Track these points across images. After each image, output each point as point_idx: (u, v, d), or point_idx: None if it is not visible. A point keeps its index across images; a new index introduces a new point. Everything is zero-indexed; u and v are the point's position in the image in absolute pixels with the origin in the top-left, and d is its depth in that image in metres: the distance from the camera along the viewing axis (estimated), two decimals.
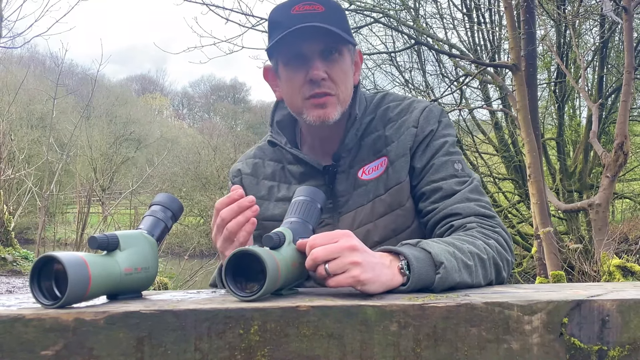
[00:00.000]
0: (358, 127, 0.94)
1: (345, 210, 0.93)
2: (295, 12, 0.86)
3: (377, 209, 0.91)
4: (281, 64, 0.92)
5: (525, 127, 4.24)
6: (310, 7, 0.86)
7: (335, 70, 0.89)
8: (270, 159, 1.01)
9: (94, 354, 0.51)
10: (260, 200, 0.99)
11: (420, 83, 9.73)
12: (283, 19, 0.87)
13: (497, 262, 0.80)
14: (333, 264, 0.62)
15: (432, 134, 0.92)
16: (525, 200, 8.07)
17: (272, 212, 0.97)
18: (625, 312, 0.58)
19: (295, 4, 0.86)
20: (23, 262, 5.15)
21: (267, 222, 0.95)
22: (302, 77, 0.88)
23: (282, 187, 0.98)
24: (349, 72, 0.92)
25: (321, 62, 0.88)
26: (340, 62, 0.89)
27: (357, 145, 0.94)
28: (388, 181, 0.92)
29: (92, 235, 0.61)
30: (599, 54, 8.09)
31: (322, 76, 0.87)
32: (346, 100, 0.91)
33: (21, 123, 13.70)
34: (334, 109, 0.89)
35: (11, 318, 0.51)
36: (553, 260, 4.13)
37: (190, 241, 10.89)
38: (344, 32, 0.88)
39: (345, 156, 0.94)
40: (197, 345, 0.53)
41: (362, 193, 0.92)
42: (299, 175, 0.96)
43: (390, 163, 0.92)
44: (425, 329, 0.56)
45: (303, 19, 0.85)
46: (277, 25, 0.88)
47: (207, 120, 32.23)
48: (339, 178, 0.94)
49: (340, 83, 0.89)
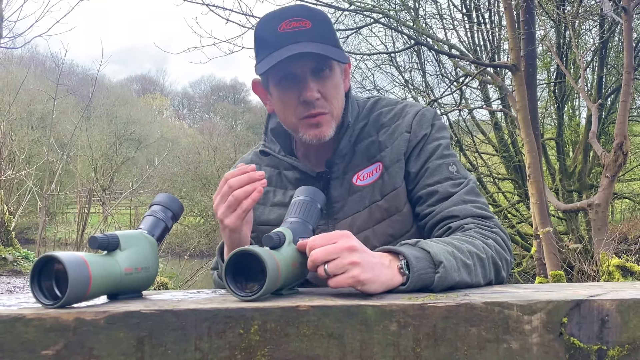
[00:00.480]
0: (351, 134, 0.94)
1: (342, 217, 0.93)
2: (282, 31, 0.84)
3: (375, 215, 0.91)
4: (272, 83, 0.91)
5: (525, 127, 4.25)
6: (297, 23, 0.84)
7: (327, 87, 0.88)
8: (267, 164, 1.01)
9: (95, 354, 0.52)
10: (255, 204, 1.00)
11: (420, 83, 9.74)
12: (271, 37, 0.85)
13: (496, 261, 0.80)
14: (332, 265, 0.62)
15: (425, 138, 0.92)
16: (524, 200, 8.08)
17: (267, 216, 0.97)
18: (624, 312, 0.58)
19: (282, 20, 0.85)
20: (23, 262, 5.15)
21: (261, 227, 0.96)
22: (296, 98, 0.88)
23: (278, 192, 0.98)
24: (340, 85, 0.92)
25: (313, 80, 0.87)
26: (331, 78, 0.89)
27: (350, 151, 0.95)
28: (384, 187, 0.92)
29: (92, 235, 0.61)
30: (598, 54, 8.10)
31: (316, 96, 0.86)
32: (339, 114, 0.91)
33: (22, 123, 13.71)
34: (328, 126, 0.89)
35: (12, 318, 0.51)
36: (552, 260, 4.14)
37: (190, 241, 10.89)
38: (333, 46, 0.87)
39: (339, 162, 0.94)
40: (197, 345, 0.53)
41: (358, 199, 0.92)
42: (294, 181, 0.96)
43: (386, 169, 0.92)
44: (425, 329, 0.56)
45: (291, 39, 0.84)
46: (265, 45, 0.86)
47: (207, 121, 32.25)
48: (333, 184, 0.94)
49: (332, 99, 0.89)
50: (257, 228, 0.95)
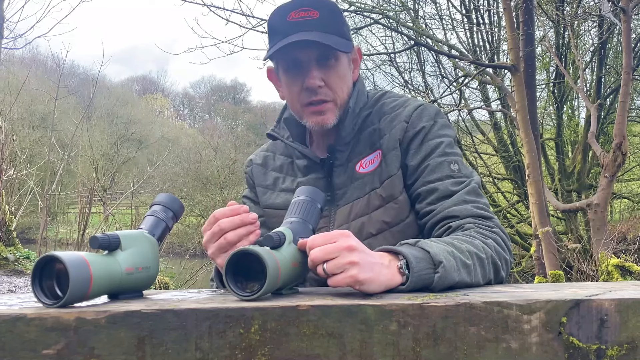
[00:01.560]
0: (356, 121, 0.96)
1: (343, 203, 0.94)
2: (291, 20, 0.88)
3: (373, 202, 0.92)
4: (281, 70, 0.95)
5: (524, 128, 4.25)
6: (305, 13, 0.88)
7: (332, 76, 0.91)
8: (282, 153, 1.05)
9: (95, 353, 0.52)
10: (264, 188, 1.04)
11: (420, 84, 9.75)
12: (280, 25, 0.89)
13: (496, 261, 0.80)
14: (331, 264, 0.62)
15: (424, 131, 0.93)
16: (524, 200, 8.08)
17: (274, 200, 1.01)
18: (623, 311, 0.58)
19: (291, 10, 0.88)
20: (25, 261, 5.14)
21: (268, 210, 1.01)
22: (300, 85, 0.91)
23: (288, 179, 1.01)
24: (345, 75, 0.94)
25: (317, 69, 0.90)
26: (336, 68, 0.91)
27: (355, 139, 0.96)
28: (382, 174, 0.93)
29: (93, 235, 0.61)
30: (597, 55, 8.11)
31: (318, 84, 0.90)
32: (344, 103, 0.94)
33: (23, 123, 13.69)
34: (332, 114, 0.92)
35: (13, 317, 0.51)
36: (552, 259, 4.14)
37: (191, 241, 10.87)
38: (340, 36, 0.90)
39: (343, 150, 0.96)
40: (197, 345, 0.53)
41: (359, 186, 0.94)
42: (303, 168, 0.99)
43: (384, 156, 0.94)
44: (424, 328, 0.56)
45: (298, 27, 0.87)
46: (275, 32, 0.91)
47: (207, 121, 32.25)
48: (336, 171, 0.96)
49: (336, 88, 0.92)
50: (265, 212, 1.00)
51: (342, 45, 0.89)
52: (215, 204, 13.95)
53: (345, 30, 0.93)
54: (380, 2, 7.65)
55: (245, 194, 1.09)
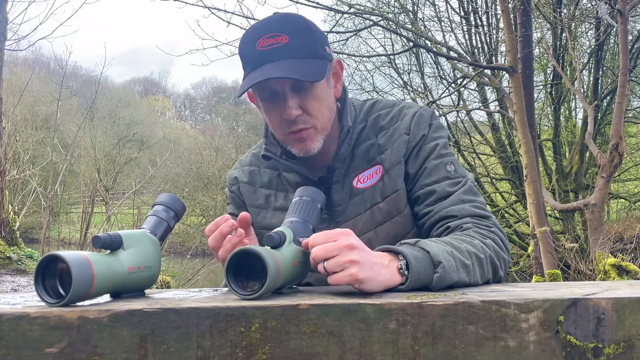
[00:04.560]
0: (350, 138, 0.94)
1: (343, 220, 0.93)
2: (260, 48, 0.84)
3: (376, 217, 0.92)
4: (258, 99, 0.92)
5: (522, 128, 4.26)
6: (274, 40, 0.84)
7: (309, 101, 0.87)
8: (266, 166, 1.02)
9: (98, 352, 0.52)
10: (257, 209, 1.00)
11: (419, 85, 9.78)
12: (250, 54, 0.86)
13: (494, 261, 0.80)
14: (331, 262, 0.63)
15: (423, 138, 0.93)
16: (522, 200, 8.11)
17: (270, 221, 0.97)
18: (620, 310, 0.59)
19: (259, 37, 0.85)
20: (28, 261, 5.12)
21: (263, 231, 0.95)
22: (279, 115, 0.89)
23: (279, 195, 0.99)
24: (324, 96, 0.90)
25: (293, 97, 0.87)
26: (313, 91, 0.87)
27: (350, 155, 0.95)
28: (385, 189, 0.92)
29: (95, 234, 0.62)
30: (594, 57, 8.14)
31: (296, 114, 0.86)
32: (325, 126, 0.91)
33: (26, 124, 13.65)
34: (313, 140, 0.89)
35: (16, 316, 0.52)
36: (549, 259, 4.15)
37: (192, 240, 10.85)
38: (314, 57, 0.86)
39: (339, 167, 0.94)
40: (199, 343, 0.54)
41: (359, 201, 0.93)
42: (295, 184, 0.96)
43: (386, 171, 0.93)
44: (423, 327, 0.56)
45: (269, 57, 0.84)
46: (246, 61, 0.88)
47: (208, 122, 32.21)
48: (334, 188, 0.94)
49: (315, 113, 0.88)
50: (260, 232, 0.95)
51: (313, 72, 0.85)
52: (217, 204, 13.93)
53: (318, 47, 0.88)
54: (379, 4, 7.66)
55: (231, 211, 1.04)
